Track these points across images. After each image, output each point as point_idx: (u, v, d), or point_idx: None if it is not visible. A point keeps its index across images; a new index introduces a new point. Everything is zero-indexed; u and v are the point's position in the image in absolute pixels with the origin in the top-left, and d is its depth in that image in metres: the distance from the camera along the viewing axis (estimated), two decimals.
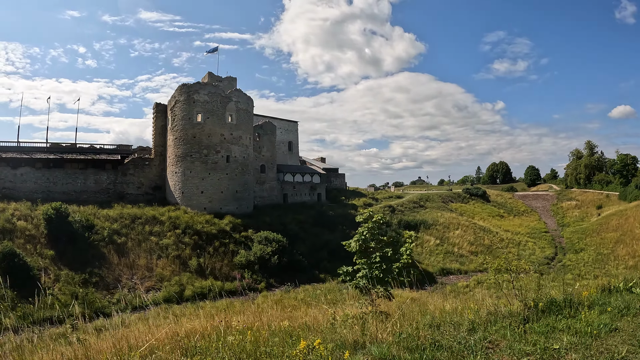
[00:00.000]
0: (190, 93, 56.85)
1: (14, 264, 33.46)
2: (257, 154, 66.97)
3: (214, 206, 55.97)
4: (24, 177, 51.62)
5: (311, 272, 48.26)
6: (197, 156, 56.36)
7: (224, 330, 8.22)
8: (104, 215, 47.69)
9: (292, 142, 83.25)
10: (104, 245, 42.81)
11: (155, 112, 62.39)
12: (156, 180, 60.21)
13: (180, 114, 57.39)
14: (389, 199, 79.70)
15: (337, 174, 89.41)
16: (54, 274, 36.55)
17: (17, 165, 51.74)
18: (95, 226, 44.51)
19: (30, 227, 41.39)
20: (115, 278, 39.39)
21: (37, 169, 52.99)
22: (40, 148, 57.59)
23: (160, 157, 60.95)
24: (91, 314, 23.48)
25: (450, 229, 66.61)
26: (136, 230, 46.80)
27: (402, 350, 6.53)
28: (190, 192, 56.34)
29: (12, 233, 39.65)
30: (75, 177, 54.92)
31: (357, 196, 79.13)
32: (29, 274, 33.80)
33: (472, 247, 62.10)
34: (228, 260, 46.96)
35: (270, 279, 45.30)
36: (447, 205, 79.73)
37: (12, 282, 31.68)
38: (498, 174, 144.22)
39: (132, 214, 49.37)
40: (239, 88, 61.57)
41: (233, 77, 75.61)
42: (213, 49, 74.36)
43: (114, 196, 56.06)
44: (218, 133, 57.24)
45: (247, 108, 61.17)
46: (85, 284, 36.50)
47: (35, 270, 35.26)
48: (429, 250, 60.30)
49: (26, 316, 27.11)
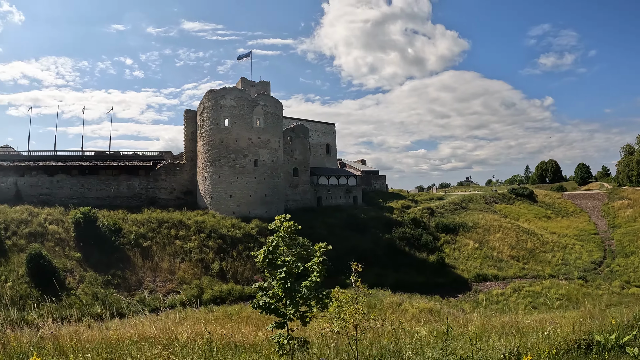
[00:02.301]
0: (217, 98, 60.74)
1: (40, 266, 37.87)
2: (289, 157, 70.00)
3: (242, 210, 59.35)
4: (60, 183, 57.20)
5: (336, 278, 49.79)
6: (225, 161, 60.05)
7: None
8: (132, 219, 52.04)
9: (329, 145, 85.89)
10: (130, 248, 46.99)
11: (185, 119, 67.00)
12: (187, 185, 64.52)
13: (208, 119, 61.39)
14: (429, 201, 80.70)
15: (377, 176, 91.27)
16: (79, 275, 40.88)
17: (54, 173, 57.38)
18: (123, 230, 48.87)
19: (60, 230, 46.23)
20: (138, 280, 43.35)
21: (73, 176, 58.44)
22: (76, 156, 63.06)
23: (191, 163, 65.24)
24: (108, 314, 26.58)
25: (491, 232, 66.88)
26: (162, 234, 50.78)
27: None
28: (219, 196, 60.06)
29: (43, 236, 44.62)
30: (109, 183, 60.07)
31: (396, 198, 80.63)
32: (55, 275, 38.03)
33: (513, 251, 62.13)
34: (251, 265, 49.27)
35: None
36: (490, 207, 79.90)
37: (38, 282, 36.57)
38: (547, 172, 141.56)
39: (159, 218, 53.46)
40: (265, 92, 65.16)
41: (266, 82, 79.30)
42: (245, 54, 78.30)
43: (146, 201, 60.62)
44: (245, 137, 60.73)
45: (275, 111, 64.41)
46: (107, 285, 40.53)
47: (61, 271, 39.78)
48: (467, 254, 60.71)
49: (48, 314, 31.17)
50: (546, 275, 55.47)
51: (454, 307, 41.44)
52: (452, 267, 56.31)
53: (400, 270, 52.79)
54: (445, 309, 37.46)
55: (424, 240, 61.52)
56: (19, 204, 50.43)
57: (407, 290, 45.27)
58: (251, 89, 72.62)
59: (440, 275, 53.24)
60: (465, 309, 40.80)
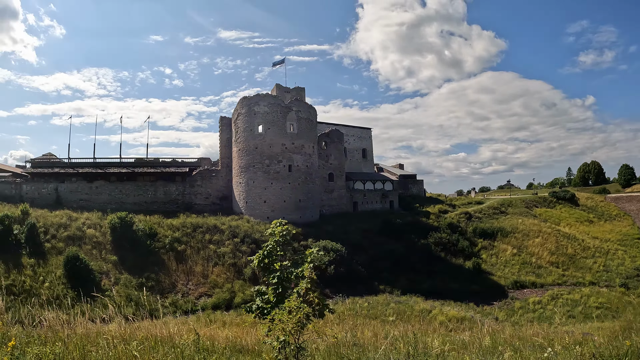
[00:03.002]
0: (250, 105, 62.11)
1: (77, 267, 39.62)
2: (324, 162, 70.68)
3: (277, 215, 59.95)
4: (98, 189, 59.82)
5: (370, 283, 49.02)
6: (259, 166, 61.24)
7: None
8: (168, 224, 53.67)
9: (366, 149, 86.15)
10: (164, 252, 48.49)
11: (220, 126, 68.90)
12: (223, 191, 66.08)
13: (242, 125, 62.81)
14: (467, 205, 79.84)
15: (414, 180, 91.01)
16: (114, 277, 42.50)
17: (93, 179, 60.04)
18: (158, 234, 50.51)
19: (98, 234, 48.23)
20: (172, 283, 44.71)
21: (111, 182, 60.97)
22: (115, 163, 65.66)
23: (226, 169, 66.80)
24: (141, 315, 27.65)
25: (530, 237, 65.52)
26: (196, 238, 52.14)
27: None
28: (254, 201, 61.26)
29: (81, 240, 46.72)
30: (146, 189, 62.31)
31: (433, 203, 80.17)
32: (90, 277, 39.87)
33: (553, 257, 60.76)
34: None
35: (325, 289, 46.73)
36: (530, 211, 78.48)
37: (75, 283, 38.27)
38: (590, 175, 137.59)
39: (194, 223, 54.94)
40: (299, 98, 66.12)
41: (301, 88, 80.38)
42: (279, 61, 79.61)
43: (182, 207, 62.43)
44: (279, 143, 61.79)
45: (309, 117, 65.34)
46: (141, 287, 41.88)
47: (97, 273, 41.58)
48: (504, 260, 59.58)
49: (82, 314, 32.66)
50: (586, 283, 53.97)
51: (487, 315, 40.81)
52: (488, 273, 55.46)
53: (435, 276, 52.14)
54: (477, 318, 37.16)
55: (460, 246, 60.78)
56: (59, 209, 53.04)
57: (441, 297, 44.95)
58: (286, 95, 73.77)
59: (476, 282, 52.32)
60: (499, 318, 40.42)
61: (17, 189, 59.00)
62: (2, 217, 42.91)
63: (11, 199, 56.30)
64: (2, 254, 40.88)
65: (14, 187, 59.23)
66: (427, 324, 31.33)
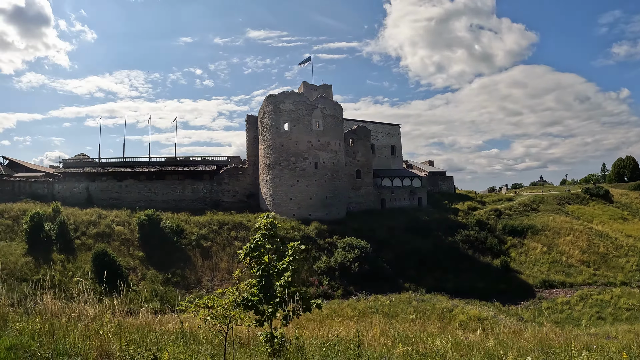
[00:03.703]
0: (276, 103, 62.94)
1: (105, 263, 41.01)
2: (352, 159, 70.89)
3: (303, 213, 60.83)
4: (128, 188, 61.85)
5: (395, 281, 48.90)
6: (285, 164, 61.97)
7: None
8: (195, 221, 54.90)
9: (394, 146, 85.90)
10: (191, 248, 49.77)
11: (247, 124, 70.24)
12: (250, 189, 67.14)
13: (268, 123, 63.68)
14: (498, 202, 78.79)
15: (444, 177, 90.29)
16: (141, 273, 43.91)
17: (123, 178, 61.98)
18: (185, 231, 51.84)
19: (126, 231, 49.83)
20: (197, 279, 45.81)
21: (141, 180, 62.80)
22: (144, 162, 67.50)
23: (253, 167, 67.84)
24: (164, 309, 28.41)
25: (561, 235, 64.22)
26: (222, 235, 53.19)
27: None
28: (280, 199, 62.01)
29: (110, 236, 48.44)
30: (174, 187, 64.01)
31: (462, 200, 79.51)
32: (118, 272, 41.09)
33: (584, 256, 59.31)
34: (308, 266, 50.04)
35: (349, 286, 47.14)
36: (562, 208, 76.95)
37: (102, 279, 39.45)
38: (625, 170, 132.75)
39: (220, 220, 56.03)
40: (324, 95, 66.46)
41: (328, 85, 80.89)
42: (306, 59, 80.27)
43: (210, 204, 63.73)
44: (305, 140, 62.41)
45: (335, 114, 65.74)
46: (167, 283, 43.20)
47: (125, 269, 42.99)
48: (534, 259, 58.51)
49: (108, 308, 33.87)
50: (618, 283, 52.55)
51: (512, 315, 40.34)
52: (517, 272, 54.67)
53: (462, 274, 51.69)
54: (500, 318, 36.85)
55: (488, 244, 60.24)
56: (89, 207, 55.04)
57: (467, 295, 44.68)
58: (313, 92, 74.31)
59: (504, 281, 51.72)
60: (524, 318, 39.89)
61: (49, 188, 61.63)
62: (33, 215, 44.88)
63: (44, 197, 58.61)
64: (34, 250, 42.89)
65: (47, 187, 61.90)
66: (448, 323, 31.33)
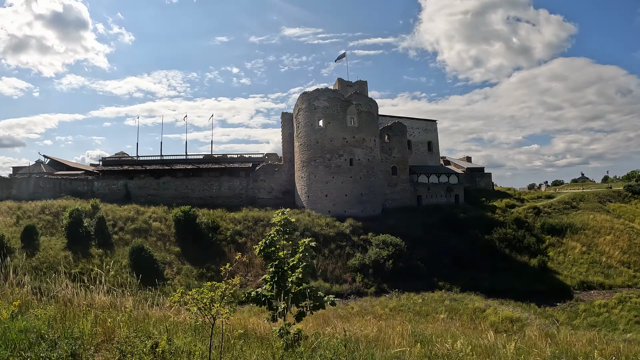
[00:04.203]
0: (310, 100, 63.14)
1: (141, 257, 42.11)
2: (387, 155, 70.47)
3: (338, 209, 60.80)
4: (165, 185, 63.08)
5: (429, 279, 48.31)
6: (320, 160, 62.09)
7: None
8: (230, 217, 55.60)
9: (431, 142, 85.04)
10: (225, 244, 50.44)
11: (282, 121, 70.75)
12: (286, 185, 67.51)
13: (303, 120, 63.93)
14: (536, 200, 76.93)
15: (482, 173, 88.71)
16: (177, 268, 44.75)
17: (160, 175, 63.22)
18: (220, 227, 52.56)
19: (163, 227, 50.88)
20: (231, 274, 45.86)
21: (178, 178, 63.92)
22: (181, 160, 68.74)
23: (289, 163, 68.21)
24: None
25: (601, 234, 61.97)
26: (257, 231, 53.61)
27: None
28: (315, 195, 62.17)
29: (147, 232, 49.61)
30: (211, 184, 64.96)
31: (500, 197, 78.07)
32: (154, 267, 42.21)
33: (624, 257, 56.92)
34: (342, 263, 50.37)
35: (383, 284, 47.10)
36: (603, 206, 74.51)
37: (139, 273, 40.27)
38: None
39: (255, 216, 56.53)
40: (359, 92, 66.30)
41: (363, 81, 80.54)
42: (341, 56, 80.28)
43: (246, 201, 64.35)
44: (340, 137, 62.37)
45: (370, 110, 65.50)
46: (201, 277, 43.77)
47: (161, 263, 43.99)
48: (572, 259, 56.76)
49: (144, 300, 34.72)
50: None
51: (548, 317, 39.35)
52: (554, 272, 53.23)
53: (498, 274, 50.79)
54: (533, 319, 36.02)
55: (526, 242, 58.92)
56: (127, 204, 56.39)
57: (502, 295, 43.87)
58: (348, 89, 74.05)
59: (540, 281, 50.39)
60: (559, 320, 38.85)
61: (88, 186, 63.63)
62: (73, 211, 46.33)
63: (83, 194, 60.49)
64: (73, 244, 44.28)
65: (86, 184, 63.96)
66: (478, 323, 30.71)
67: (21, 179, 63.83)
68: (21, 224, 48.29)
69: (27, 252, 41.53)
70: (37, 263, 40.02)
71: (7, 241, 40.88)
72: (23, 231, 45.08)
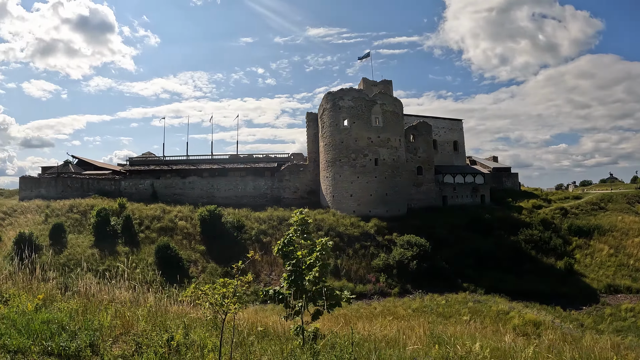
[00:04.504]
0: (335, 100, 63.22)
1: (167, 255, 42.81)
2: (413, 155, 70.15)
3: (363, 209, 60.73)
4: (191, 184, 64.00)
5: (453, 281, 48.06)
6: (345, 160, 62.11)
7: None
8: (255, 217, 56.03)
9: (457, 142, 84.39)
10: (250, 243, 50.83)
11: (307, 121, 71.04)
12: (311, 185, 67.76)
13: (328, 120, 64.05)
14: (564, 200, 75.64)
15: (509, 173, 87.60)
16: (202, 266, 45.34)
17: (186, 175, 64.04)
18: (245, 226, 53.04)
19: (188, 226, 51.57)
20: (255, 273, 46.55)
21: (203, 177, 64.64)
22: (206, 160, 69.57)
23: (314, 163, 68.42)
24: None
25: (630, 236, 60.25)
26: (282, 231, 53.74)
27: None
28: (340, 195, 62.20)
29: (172, 231, 50.38)
30: (236, 184, 65.71)
31: (527, 197, 77.00)
32: (179, 265, 42.74)
33: None
34: (366, 263, 50.28)
35: (406, 285, 46.97)
36: (632, 207, 72.70)
37: (164, 270, 41.08)
38: None
39: (280, 216, 56.81)
40: (383, 91, 66.17)
41: (388, 81, 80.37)
42: (365, 55, 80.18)
43: (271, 200, 64.83)
44: (365, 137, 62.29)
45: (395, 110, 65.29)
46: (226, 276, 43.97)
47: (186, 261, 44.63)
48: (599, 261, 55.49)
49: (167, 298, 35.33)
50: None
51: (573, 321, 38.61)
52: (580, 275, 52.23)
53: (523, 276, 50.22)
54: (557, 323, 35.46)
55: (552, 244, 57.93)
56: (154, 203, 57.28)
57: (527, 298, 43.27)
58: (373, 89, 73.92)
59: (566, 284, 49.55)
60: (584, 324, 38.14)
61: (116, 185, 65.12)
62: (100, 210, 47.34)
63: (111, 194, 61.87)
64: (100, 242, 45.27)
65: (113, 183, 65.47)
66: (501, 326, 30.35)
67: (50, 179, 65.37)
68: (50, 222, 49.61)
69: (55, 249, 42.61)
70: (65, 260, 41.00)
71: (36, 238, 41.96)
72: (51, 229, 46.27)
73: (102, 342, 7.60)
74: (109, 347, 7.49)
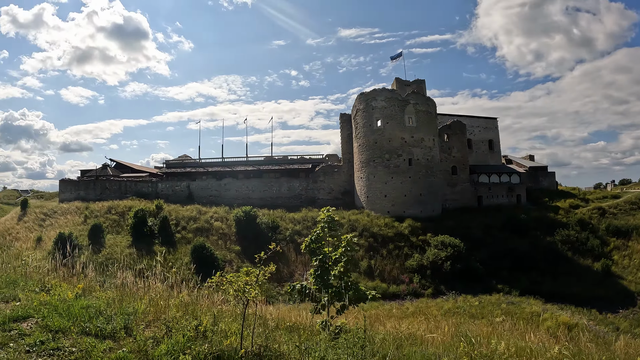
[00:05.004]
0: (368, 100, 63.40)
1: (202, 255, 43.63)
2: (447, 155, 69.73)
3: (397, 210, 60.66)
4: (227, 186, 65.23)
5: (487, 282, 47.50)
6: (379, 161, 62.18)
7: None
8: (290, 217, 56.64)
9: (492, 141, 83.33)
10: (285, 243, 51.24)
11: (341, 122, 71.34)
12: (345, 186, 68.03)
13: (361, 121, 64.26)
14: (602, 200, 73.67)
15: (545, 172, 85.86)
16: (237, 266, 45.99)
17: (222, 177, 65.33)
18: (280, 227, 53.71)
19: (224, 226, 52.57)
20: (290, 273, 47.20)
21: (239, 179, 65.76)
22: (241, 162, 70.80)
23: (348, 164, 68.70)
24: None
25: None
26: None
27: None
28: (374, 196, 62.29)
29: (208, 231, 51.44)
30: (271, 185, 66.62)
31: (564, 197, 75.58)
32: (214, 264, 43.37)
33: None
34: (400, 264, 50.19)
35: (440, 285, 46.75)
36: None
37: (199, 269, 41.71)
38: None
39: (315, 216, 56.94)
40: (417, 91, 66.02)
41: (421, 80, 79.91)
42: (397, 55, 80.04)
43: (305, 201, 65.36)
44: (398, 137, 62.22)
45: (428, 109, 65.03)
46: None
47: (221, 261, 45.40)
48: (638, 263, 53.36)
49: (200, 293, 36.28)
50: None
51: (608, 324, 37.61)
52: (618, 277, 50.75)
53: (559, 277, 49.09)
54: (592, 326, 34.75)
55: (589, 245, 56.37)
56: (190, 204, 58.46)
57: (562, 300, 42.39)
58: (406, 88, 73.63)
59: (603, 286, 48.14)
60: (620, 328, 37.24)
61: (153, 187, 66.92)
62: (137, 211, 48.72)
63: (148, 195, 63.63)
64: (138, 242, 46.51)
65: (150, 186, 67.33)
66: (533, 327, 29.79)
67: (88, 181, 67.77)
68: (89, 222, 51.31)
69: (93, 249, 44.21)
70: (103, 259, 42.09)
71: (75, 239, 43.31)
72: (90, 229, 47.85)
73: (136, 326, 8.09)
74: (142, 330, 7.98)
